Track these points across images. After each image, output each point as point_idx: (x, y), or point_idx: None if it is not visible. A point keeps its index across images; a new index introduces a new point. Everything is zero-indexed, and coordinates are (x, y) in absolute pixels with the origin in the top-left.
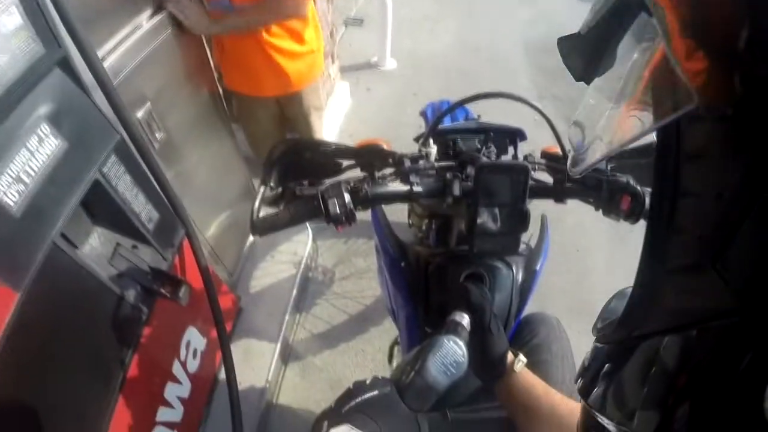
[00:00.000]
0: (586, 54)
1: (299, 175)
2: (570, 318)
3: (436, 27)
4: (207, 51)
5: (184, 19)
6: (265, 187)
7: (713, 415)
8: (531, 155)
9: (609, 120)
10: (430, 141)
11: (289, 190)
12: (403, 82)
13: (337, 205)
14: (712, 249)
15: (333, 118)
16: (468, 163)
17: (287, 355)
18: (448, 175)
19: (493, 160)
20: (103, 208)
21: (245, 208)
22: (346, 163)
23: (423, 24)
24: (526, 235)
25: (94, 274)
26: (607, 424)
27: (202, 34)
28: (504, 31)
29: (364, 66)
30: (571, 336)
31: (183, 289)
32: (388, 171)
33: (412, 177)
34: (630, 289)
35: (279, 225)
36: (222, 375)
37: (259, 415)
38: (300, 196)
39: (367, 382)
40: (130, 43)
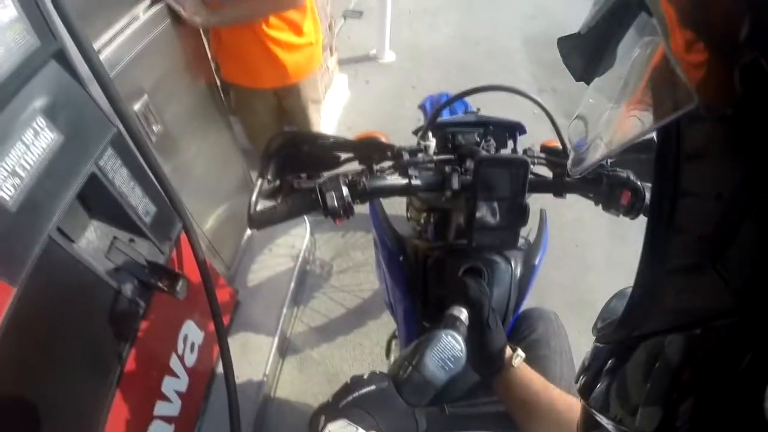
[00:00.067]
0: (586, 54)
1: (297, 168)
2: (568, 313)
3: (436, 20)
4: (204, 43)
5: (181, 10)
6: (262, 180)
7: (714, 413)
8: (530, 149)
9: (609, 120)
10: (429, 134)
11: (286, 183)
12: (402, 74)
13: (335, 198)
14: (712, 249)
15: (331, 110)
16: (467, 157)
17: (285, 348)
18: (447, 169)
19: (492, 153)
20: (99, 202)
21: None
22: (345, 156)
23: (422, 17)
24: (525, 230)
25: (91, 268)
26: (607, 424)
27: (199, 26)
28: (504, 24)
29: (363, 58)
30: (569, 331)
31: (180, 283)
32: (387, 164)
33: (410, 170)
34: (630, 288)
35: (276, 218)
36: (220, 369)
37: (256, 408)
38: (298, 189)
39: (365, 377)
40: (126, 34)
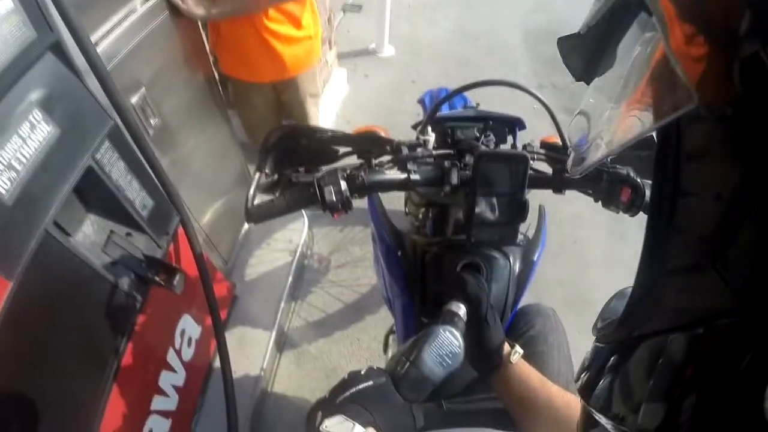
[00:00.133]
0: (586, 54)
1: (295, 162)
2: (566, 310)
3: (435, 14)
4: (203, 35)
5: (179, 2)
6: (260, 173)
7: (715, 413)
8: (530, 144)
9: (609, 120)
10: (428, 129)
11: (284, 177)
12: (402, 69)
13: (333, 192)
14: (712, 249)
15: (330, 104)
16: (466, 152)
17: (282, 343)
18: (446, 164)
19: (491, 148)
20: (96, 196)
21: (240, 195)
22: (343, 150)
23: (422, 11)
24: (524, 226)
25: (88, 263)
26: (607, 424)
27: (199, 18)
28: (504, 19)
29: (362, 52)
30: (566, 328)
31: (178, 277)
32: (386, 158)
33: (409, 165)
34: (630, 288)
35: (274, 212)
36: (217, 363)
37: (253, 403)
38: (296, 183)
39: (362, 373)
40: (124, 27)
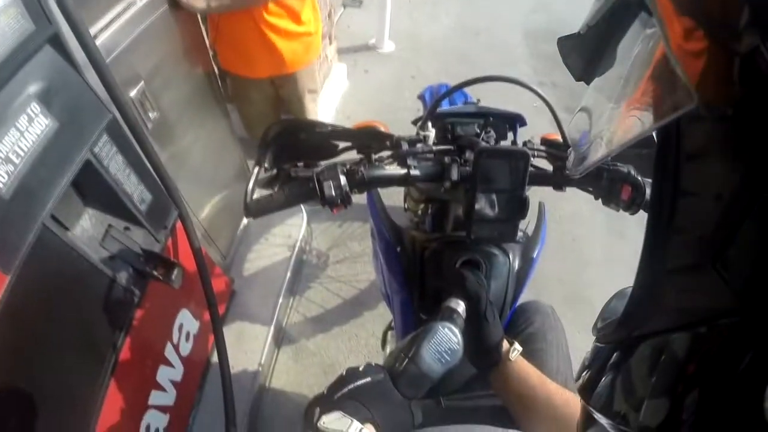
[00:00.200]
0: (586, 54)
1: (294, 157)
2: (565, 308)
3: (436, 10)
4: (202, 29)
5: None
6: (259, 168)
7: (716, 412)
8: (531, 141)
9: (609, 120)
10: (429, 124)
11: (283, 171)
12: (402, 64)
13: (332, 187)
14: (712, 249)
15: (330, 99)
16: (467, 148)
17: (280, 338)
18: (447, 159)
19: (492, 145)
20: (94, 189)
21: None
22: (343, 145)
23: (422, 6)
24: (523, 223)
25: (86, 257)
26: (607, 424)
27: (199, 11)
28: (504, 16)
29: (362, 48)
30: (565, 326)
31: (176, 272)
32: (385, 154)
33: (409, 160)
34: (630, 288)
35: (273, 207)
36: (215, 358)
37: (251, 398)
38: (295, 177)
39: (360, 369)
40: (123, 20)
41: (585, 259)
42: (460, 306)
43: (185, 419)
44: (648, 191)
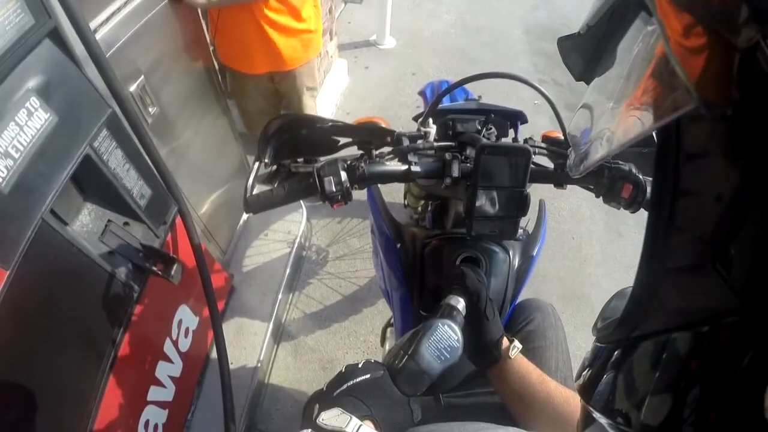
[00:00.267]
0: (586, 54)
1: (295, 152)
2: (564, 306)
3: (437, 6)
4: (203, 24)
5: None
6: (259, 163)
7: (716, 412)
8: (532, 138)
9: (609, 120)
10: (430, 121)
11: (284, 167)
12: (402, 61)
13: (333, 183)
14: (712, 249)
15: (330, 95)
16: (468, 144)
17: (279, 334)
18: (447, 156)
19: (493, 141)
20: (93, 184)
21: (239, 186)
22: (343, 140)
23: (424, 3)
24: (524, 220)
25: (85, 252)
26: (606, 424)
27: (198, 6)
28: (506, 13)
29: (363, 44)
30: (564, 323)
31: (175, 267)
32: (386, 150)
33: (410, 156)
34: (630, 288)
35: (273, 202)
36: (213, 354)
37: (250, 394)
38: (295, 173)
39: (360, 366)
40: (123, 14)
41: (584, 257)
42: (460, 303)
43: (184, 415)
44: (649, 190)
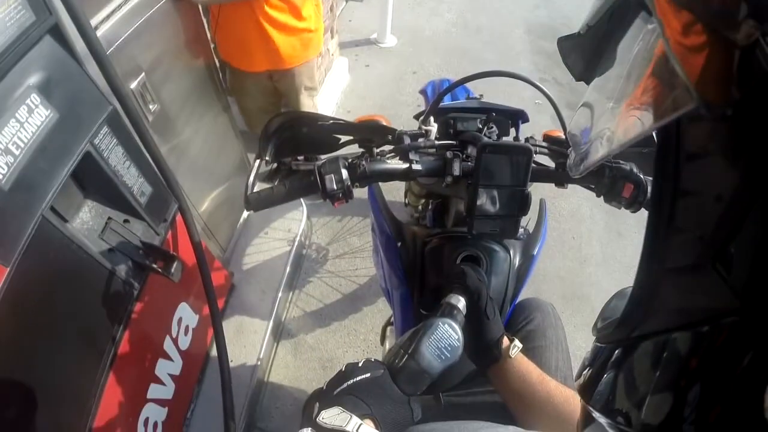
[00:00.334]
0: (586, 54)
1: (296, 150)
2: (563, 306)
3: (438, 5)
4: (204, 21)
5: None
6: (260, 161)
7: (716, 412)
8: (533, 137)
9: (609, 120)
10: (431, 119)
11: (285, 164)
12: (403, 59)
13: (334, 180)
14: (712, 249)
15: (331, 94)
16: (469, 143)
17: (279, 332)
18: (449, 154)
19: (495, 140)
20: (94, 181)
21: (239, 183)
22: (344, 138)
23: (425, 1)
24: (524, 220)
25: (85, 249)
26: (606, 424)
27: (200, 2)
28: (507, 12)
29: (364, 42)
30: (564, 323)
31: (175, 265)
32: (387, 148)
33: (411, 155)
34: (630, 288)
35: (274, 200)
36: (213, 352)
37: (250, 392)
38: (296, 170)
39: (360, 365)
40: (124, 11)
41: (585, 257)
42: (461, 302)
43: (184, 413)
44: (650, 189)
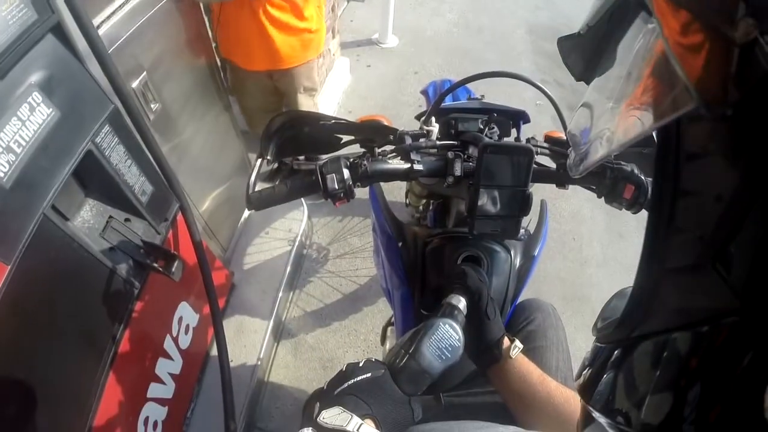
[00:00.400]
0: (586, 54)
1: (297, 150)
2: (564, 306)
3: (440, 5)
4: (205, 20)
5: None
6: (261, 160)
7: (716, 412)
8: (534, 138)
9: (609, 120)
10: (432, 119)
11: (286, 164)
12: (405, 59)
13: (335, 180)
14: (712, 249)
15: (332, 94)
16: (470, 143)
17: (280, 332)
18: (450, 155)
19: (496, 140)
20: (95, 180)
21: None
22: (346, 138)
23: (426, 2)
24: (525, 220)
25: (86, 248)
26: (606, 424)
27: (201, 1)
28: (508, 12)
29: (365, 42)
30: (564, 324)
31: (176, 264)
32: (389, 148)
33: (413, 155)
34: (630, 288)
35: (275, 199)
36: (214, 351)
37: (250, 392)
38: (297, 170)
39: (360, 365)
40: (126, 10)
41: (585, 258)
42: (461, 302)
43: (184, 412)
44: (650, 190)
